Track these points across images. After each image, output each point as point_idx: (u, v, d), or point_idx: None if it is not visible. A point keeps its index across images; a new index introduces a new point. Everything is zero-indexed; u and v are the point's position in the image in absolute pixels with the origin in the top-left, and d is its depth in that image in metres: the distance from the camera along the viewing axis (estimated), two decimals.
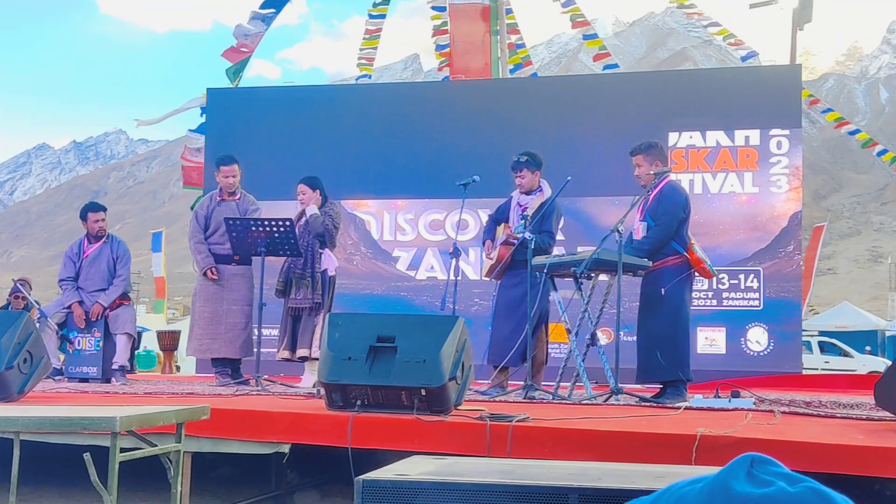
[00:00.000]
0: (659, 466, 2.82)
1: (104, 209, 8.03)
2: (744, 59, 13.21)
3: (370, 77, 14.54)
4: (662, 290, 5.72)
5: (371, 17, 14.22)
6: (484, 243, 6.72)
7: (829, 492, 0.75)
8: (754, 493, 0.74)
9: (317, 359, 6.31)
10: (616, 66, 13.96)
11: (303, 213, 7.13)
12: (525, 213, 6.41)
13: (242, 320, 7.17)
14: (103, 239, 7.80)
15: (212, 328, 7.18)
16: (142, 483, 4.58)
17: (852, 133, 13.81)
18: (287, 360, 7.04)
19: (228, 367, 7.29)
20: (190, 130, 11.58)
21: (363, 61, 14.24)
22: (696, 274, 5.98)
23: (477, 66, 12.08)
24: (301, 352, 6.90)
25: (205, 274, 7.25)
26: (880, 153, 13.63)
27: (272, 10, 12.70)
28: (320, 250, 7.01)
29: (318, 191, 7.15)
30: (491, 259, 6.50)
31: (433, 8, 13.68)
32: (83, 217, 7.88)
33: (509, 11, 13.44)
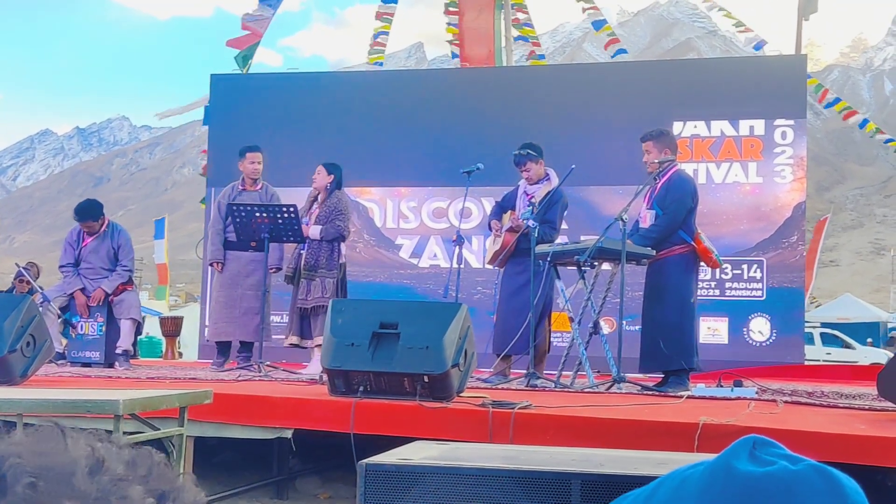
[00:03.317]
0: (661, 453, 2.83)
1: (92, 218, 7.69)
2: (757, 47, 13.15)
3: (382, 65, 14.41)
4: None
5: (384, 1, 14.05)
6: (490, 224, 6.70)
7: (830, 470, 0.76)
8: (756, 471, 0.75)
9: None
10: (625, 51, 13.89)
11: (315, 198, 7.19)
12: (532, 200, 6.39)
13: (257, 304, 7.22)
14: (102, 228, 7.74)
15: (227, 312, 7.31)
16: None
17: (862, 125, 13.76)
18: (296, 346, 7.09)
19: (227, 351, 7.40)
20: (204, 124, 11.48)
21: (378, 47, 14.09)
22: (702, 263, 5.97)
23: (483, 54, 12.05)
24: (318, 339, 6.92)
25: (211, 265, 7.45)
26: (887, 141, 13.61)
27: None
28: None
29: (332, 176, 7.16)
30: (499, 236, 6.48)
31: None
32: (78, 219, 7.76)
33: None
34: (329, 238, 6.95)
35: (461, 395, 4.38)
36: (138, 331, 8.21)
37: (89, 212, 7.74)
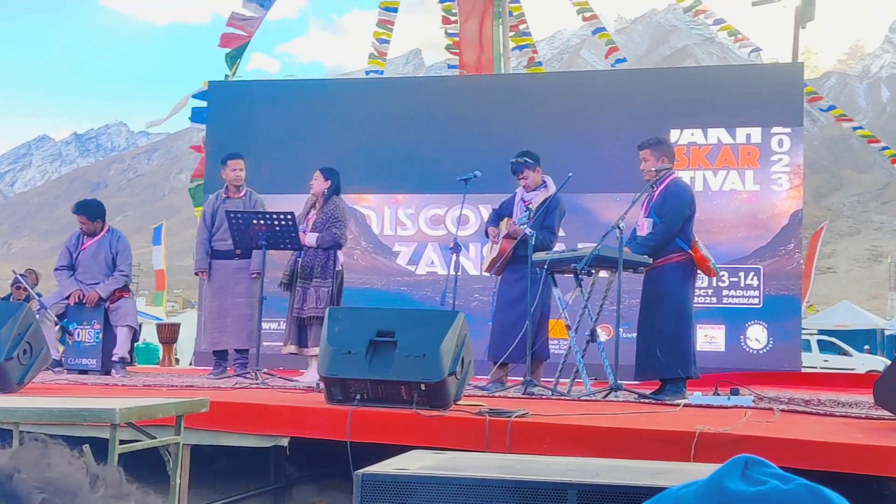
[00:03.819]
0: (658, 463, 2.83)
1: (88, 214, 7.74)
2: (752, 52, 13.21)
3: (382, 72, 14.36)
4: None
5: (383, 9, 14.00)
6: (487, 231, 6.70)
7: (821, 488, 0.76)
8: (748, 490, 0.76)
9: None
10: (624, 59, 13.88)
11: (313, 204, 7.19)
12: (529, 207, 6.39)
13: (248, 311, 7.26)
14: (102, 233, 7.75)
15: (219, 321, 7.36)
16: (141, 475, 4.55)
17: (855, 129, 13.81)
18: (294, 354, 7.09)
19: (225, 360, 7.41)
20: (191, 120, 11.41)
21: (375, 54, 14.04)
22: (699, 271, 5.98)
23: (481, 61, 12.06)
24: (314, 349, 6.92)
25: (196, 274, 7.55)
26: (883, 148, 13.66)
27: None
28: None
29: (329, 181, 7.16)
30: (496, 243, 6.48)
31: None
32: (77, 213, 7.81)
33: (515, 1, 13.33)
34: (326, 245, 6.95)
35: (458, 403, 4.38)
36: (135, 338, 8.21)
37: (87, 208, 7.78)
